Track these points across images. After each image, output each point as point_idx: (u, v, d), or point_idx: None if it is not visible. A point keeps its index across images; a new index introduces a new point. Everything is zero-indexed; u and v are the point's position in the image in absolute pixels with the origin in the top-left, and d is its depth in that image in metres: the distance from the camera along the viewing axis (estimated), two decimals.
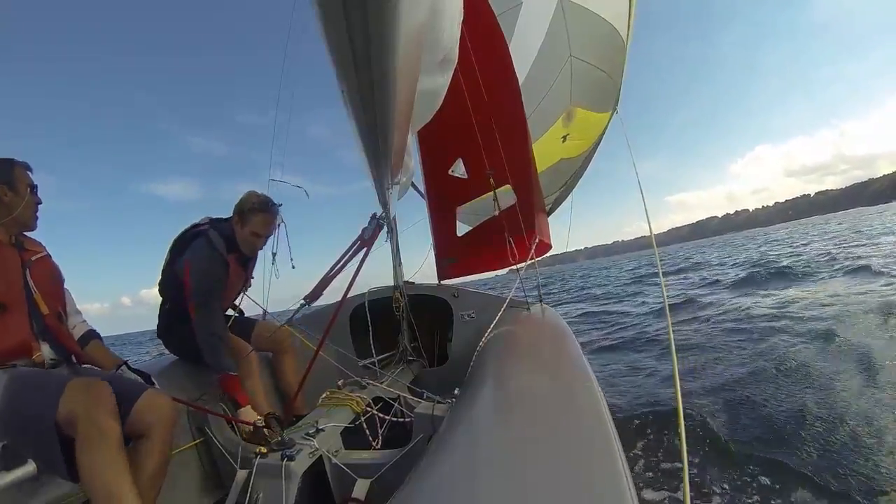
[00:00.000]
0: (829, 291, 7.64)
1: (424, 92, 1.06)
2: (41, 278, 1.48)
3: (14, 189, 1.44)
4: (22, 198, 1.45)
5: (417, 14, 0.82)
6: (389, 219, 1.85)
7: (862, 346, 4.36)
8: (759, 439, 2.92)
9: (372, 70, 0.80)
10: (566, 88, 4.25)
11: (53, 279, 1.55)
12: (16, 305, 1.36)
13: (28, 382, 1.26)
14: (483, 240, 3.08)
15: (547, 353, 1.78)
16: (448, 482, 0.82)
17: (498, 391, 1.36)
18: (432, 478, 0.88)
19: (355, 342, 2.93)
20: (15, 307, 1.35)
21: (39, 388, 1.23)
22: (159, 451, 1.37)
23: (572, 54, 4.05)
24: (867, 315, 5.49)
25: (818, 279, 9.32)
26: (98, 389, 1.22)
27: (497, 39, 2.54)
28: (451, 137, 2.70)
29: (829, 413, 3.06)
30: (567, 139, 4.65)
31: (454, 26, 1.05)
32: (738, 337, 5.60)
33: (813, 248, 17.19)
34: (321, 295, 2.04)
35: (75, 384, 1.23)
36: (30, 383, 1.26)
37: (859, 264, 9.78)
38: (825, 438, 2.77)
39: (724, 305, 7.95)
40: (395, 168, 1.34)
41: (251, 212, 1.92)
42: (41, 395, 1.21)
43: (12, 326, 1.34)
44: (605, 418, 0.94)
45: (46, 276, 1.51)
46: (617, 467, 0.70)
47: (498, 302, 2.69)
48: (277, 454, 1.44)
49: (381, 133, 1.04)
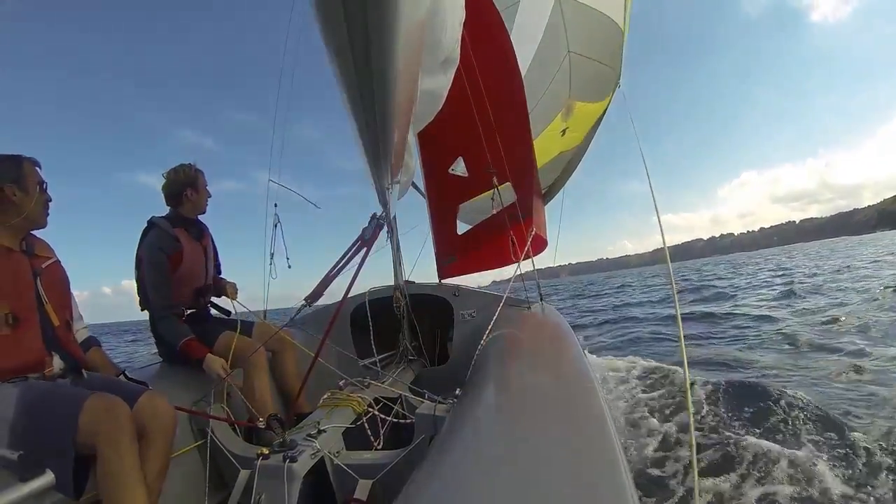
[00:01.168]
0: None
1: (426, 92, 1.06)
2: (52, 286, 1.44)
3: (23, 188, 1.40)
4: (32, 197, 1.41)
5: (417, 14, 0.81)
6: (390, 219, 1.84)
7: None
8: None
9: (372, 70, 0.80)
10: (565, 84, 4.26)
11: (63, 286, 1.52)
12: (28, 317, 1.33)
13: (44, 397, 1.24)
14: (483, 238, 3.07)
15: (548, 353, 1.78)
16: (451, 483, 0.82)
17: (499, 391, 1.36)
18: (435, 479, 0.88)
19: (356, 342, 2.92)
20: (27, 319, 1.32)
21: (56, 405, 1.22)
22: (159, 454, 1.36)
23: (570, 50, 4.05)
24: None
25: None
26: (118, 411, 1.22)
27: (501, 37, 2.52)
28: (452, 136, 2.70)
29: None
30: (566, 132, 4.65)
31: (455, 27, 1.04)
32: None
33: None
34: (321, 295, 2.03)
35: (95, 404, 1.21)
36: (46, 398, 1.24)
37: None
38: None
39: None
40: (395, 168, 1.33)
41: (196, 176, 2.07)
42: (59, 412, 1.20)
43: (25, 340, 1.31)
44: (606, 418, 0.94)
45: (56, 283, 1.48)
46: (618, 467, 0.71)
47: (498, 301, 2.69)
48: (279, 455, 1.44)
49: (381, 133, 1.04)
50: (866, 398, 3.51)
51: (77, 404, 1.20)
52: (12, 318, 1.27)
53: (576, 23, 3.93)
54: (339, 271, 1.96)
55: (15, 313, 1.28)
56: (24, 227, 1.42)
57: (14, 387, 1.24)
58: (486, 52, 2.14)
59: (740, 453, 2.73)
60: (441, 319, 3.07)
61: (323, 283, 1.99)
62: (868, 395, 3.54)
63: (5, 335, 1.26)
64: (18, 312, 1.29)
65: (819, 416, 3.13)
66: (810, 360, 4.86)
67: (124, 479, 1.17)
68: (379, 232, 1.85)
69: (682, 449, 2.91)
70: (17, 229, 1.40)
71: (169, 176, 2.05)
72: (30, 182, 1.42)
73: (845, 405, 3.40)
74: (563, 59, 4.07)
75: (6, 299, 1.28)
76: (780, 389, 3.62)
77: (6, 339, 1.26)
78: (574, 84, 4.27)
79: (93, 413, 1.19)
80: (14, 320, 1.28)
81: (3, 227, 1.36)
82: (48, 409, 1.21)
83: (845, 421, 3.04)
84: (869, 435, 2.80)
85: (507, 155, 2.44)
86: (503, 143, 2.40)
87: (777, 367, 4.79)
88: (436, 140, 2.95)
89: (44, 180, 1.46)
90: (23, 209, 1.39)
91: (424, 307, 3.03)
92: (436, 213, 3.31)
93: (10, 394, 1.22)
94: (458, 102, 1.99)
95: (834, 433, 2.88)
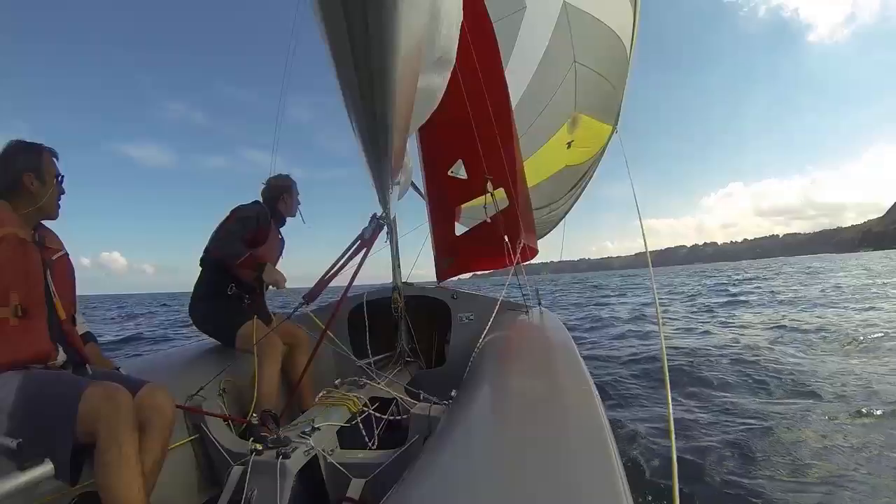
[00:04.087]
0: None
1: (421, 91, 1.07)
2: (61, 280, 1.44)
3: (41, 178, 1.40)
4: (48, 188, 1.41)
5: (417, 14, 0.82)
6: (389, 219, 1.85)
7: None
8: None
9: (372, 70, 0.81)
10: (571, 94, 4.24)
11: (70, 280, 1.52)
12: (37, 310, 1.32)
13: (44, 385, 1.23)
14: (480, 241, 3.08)
15: (544, 356, 1.79)
16: (443, 483, 0.83)
17: (495, 393, 1.36)
18: (427, 478, 0.88)
19: (353, 342, 2.93)
20: (35, 312, 1.32)
21: (56, 393, 1.21)
22: (158, 446, 1.35)
23: (576, 60, 4.05)
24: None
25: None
26: (118, 399, 1.20)
27: (491, 45, 2.55)
28: (451, 138, 2.71)
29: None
30: (572, 146, 4.64)
31: (453, 27, 1.05)
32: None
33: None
34: (319, 295, 2.04)
35: (95, 392, 1.20)
36: (46, 387, 1.23)
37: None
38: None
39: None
40: (394, 168, 1.34)
41: (292, 187, 2.49)
42: (59, 401, 1.19)
43: (32, 332, 1.30)
44: (601, 421, 0.94)
45: (65, 276, 1.48)
46: (612, 469, 0.71)
47: (497, 305, 2.70)
48: (273, 452, 1.44)
49: (381, 133, 1.04)
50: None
51: (77, 392, 1.19)
52: (21, 309, 1.27)
53: (582, 34, 3.93)
54: (337, 271, 1.97)
55: (24, 305, 1.28)
56: (37, 217, 1.42)
57: (16, 375, 1.23)
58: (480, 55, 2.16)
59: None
60: (439, 321, 3.08)
61: (321, 283, 2.00)
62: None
63: (14, 326, 1.25)
64: (28, 304, 1.29)
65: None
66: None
67: (122, 469, 1.15)
68: (379, 232, 1.87)
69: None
70: (29, 219, 1.39)
71: (270, 181, 2.47)
72: (48, 173, 1.42)
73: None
74: (569, 69, 4.07)
75: (17, 290, 1.27)
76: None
77: (15, 329, 1.26)
78: (580, 95, 4.26)
79: (92, 401, 1.18)
80: (23, 312, 1.27)
81: (17, 216, 1.35)
82: (48, 397, 1.21)
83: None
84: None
85: (496, 160, 2.47)
86: (492, 149, 2.43)
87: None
88: (435, 141, 2.97)
89: (61, 173, 1.47)
90: (38, 199, 1.39)
91: (422, 309, 3.03)
92: (435, 214, 3.33)
93: (11, 382, 1.21)
94: (457, 105, 2.01)
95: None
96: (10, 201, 1.35)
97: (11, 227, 1.30)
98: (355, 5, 0.68)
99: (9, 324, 1.24)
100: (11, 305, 1.25)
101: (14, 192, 1.37)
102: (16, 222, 1.33)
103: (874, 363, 4.70)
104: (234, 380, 2.06)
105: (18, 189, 1.37)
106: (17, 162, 1.38)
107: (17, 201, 1.37)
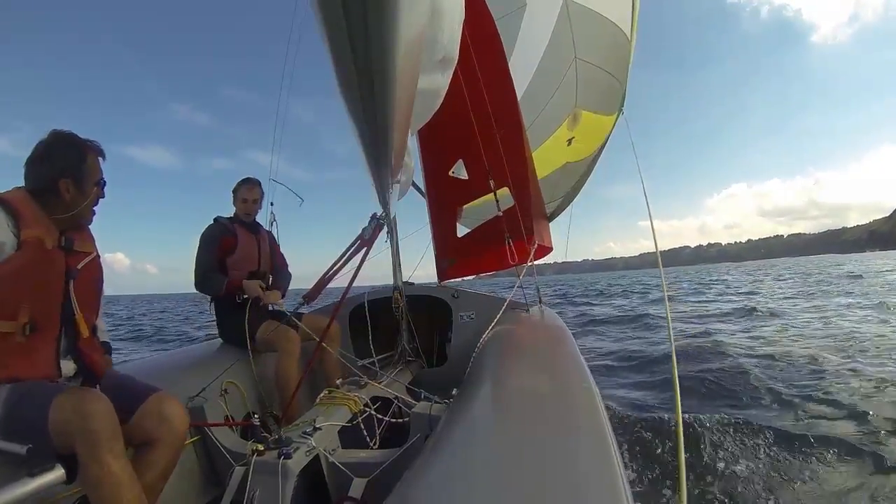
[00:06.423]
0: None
1: (423, 91, 1.06)
2: (85, 290, 1.30)
3: (79, 185, 1.25)
4: (86, 197, 1.27)
5: (418, 13, 0.81)
6: (389, 219, 1.84)
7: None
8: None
9: (372, 70, 0.80)
10: (571, 90, 4.22)
11: (97, 286, 1.38)
12: (48, 326, 1.20)
13: (24, 395, 1.15)
14: (483, 241, 3.08)
15: (545, 354, 1.78)
16: (444, 482, 0.82)
17: (495, 392, 1.36)
18: (428, 477, 0.88)
19: (355, 342, 2.93)
20: (46, 328, 1.20)
21: (33, 404, 1.12)
22: (163, 460, 1.27)
23: (577, 56, 4.02)
24: None
25: None
26: (88, 409, 1.09)
27: (495, 44, 2.54)
28: (452, 138, 2.70)
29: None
30: (572, 142, 4.62)
31: (455, 27, 1.05)
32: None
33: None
34: (319, 294, 2.04)
35: (64, 401, 1.10)
36: (26, 396, 1.14)
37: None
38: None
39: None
40: (395, 168, 1.33)
41: (237, 188, 2.46)
42: (31, 413, 1.11)
43: (36, 353, 1.19)
44: (601, 419, 0.94)
45: (91, 286, 1.34)
46: (613, 468, 0.70)
47: (497, 303, 2.69)
48: (274, 452, 1.44)
49: (381, 133, 1.04)
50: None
51: (47, 402, 1.09)
52: (30, 327, 1.16)
53: (583, 29, 3.90)
54: (337, 271, 1.96)
55: (35, 321, 1.16)
56: (69, 223, 1.28)
57: (5, 386, 1.15)
58: (483, 55, 2.15)
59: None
60: (440, 321, 3.07)
61: (321, 283, 2.00)
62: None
63: (19, 343, 1.15)
64: (39, 321, 1.17)
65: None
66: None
67: (106, 487, 1.05)
68: (379, 232, 1.86)
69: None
70: (60, 223, 1.26)
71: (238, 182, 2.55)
72: (88, 179, 1.28)
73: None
74: (569, 65, 4.05)
75: (30, 304, 1.16)
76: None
77: (19, 347, 1.16)
78: (581, 92, 4.23)
79: (62, 412, 1.08)
80: (32, 330, 1.16)
81: (45, 219, 1.22)
82: (25, 408, 1.13)
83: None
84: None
85: (504, 158, 2.46)
86: (499, 146, 2.42)
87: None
88: (436, 141, 2.96)
89: (103, 178, 1.32)
90: (72, 208, 1.26)
91: (423, 308, 3.03)
92: (436, 214, 3.32)
93: (1, 393, 1.13)
94: (458, 105, 2.00)
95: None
96: (41, 202, 1.22)
97: (37, 229, 1.18)
98: (355, 5, 0.67)
99: (14, 340, 1.15)
100: (20, 321, 1.15)
101: (47, 195, 1.24)
102: (42, 226, 1.20)
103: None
104: (235, 381, 2.06)
105: (53, 194, 1.24)
106: (55, 162, 1.24)
107: (50, 205, 1.24)
